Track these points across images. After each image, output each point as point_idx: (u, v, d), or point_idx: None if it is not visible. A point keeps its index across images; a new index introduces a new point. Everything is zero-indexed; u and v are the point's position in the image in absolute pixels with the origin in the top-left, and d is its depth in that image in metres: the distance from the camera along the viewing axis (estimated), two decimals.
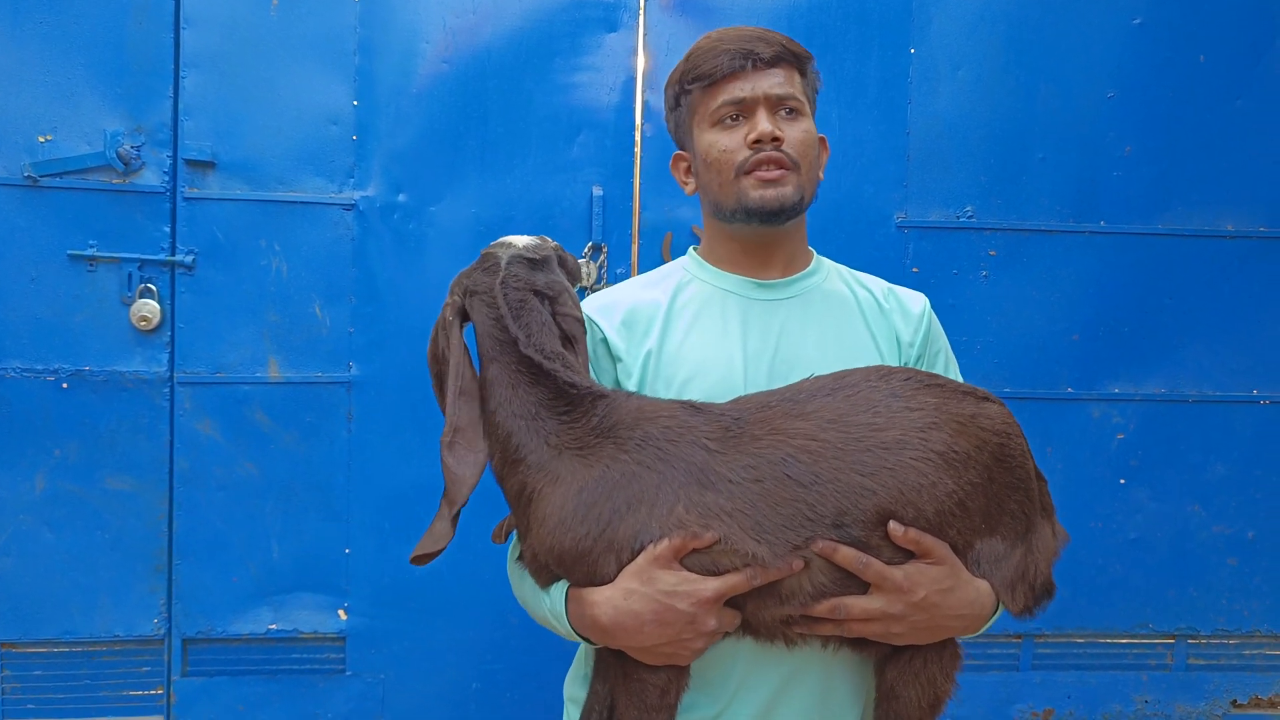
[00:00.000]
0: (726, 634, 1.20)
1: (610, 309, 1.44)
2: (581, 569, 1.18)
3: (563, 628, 1.24)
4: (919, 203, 2.91)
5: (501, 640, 2.82)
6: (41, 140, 2.60)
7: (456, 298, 1.29)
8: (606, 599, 1.16)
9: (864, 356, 1.41)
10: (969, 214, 2.91)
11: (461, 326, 1.30)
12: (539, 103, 2.76)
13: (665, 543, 1.14)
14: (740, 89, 1.37)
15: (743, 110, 1.39)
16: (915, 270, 2.90)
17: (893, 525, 1.17)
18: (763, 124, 1.36)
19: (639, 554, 1.15)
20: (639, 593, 1.13)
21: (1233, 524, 2.99)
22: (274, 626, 2.77)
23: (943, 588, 1.20)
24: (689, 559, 1.14)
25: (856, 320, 1.46)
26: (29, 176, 2.59)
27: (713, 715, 1.30)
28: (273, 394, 2.73)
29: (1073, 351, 2.94)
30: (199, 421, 2.71)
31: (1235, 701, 3.03)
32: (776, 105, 1.39)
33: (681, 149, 1.51)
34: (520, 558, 1.30)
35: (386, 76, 2.72)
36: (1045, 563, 1.30)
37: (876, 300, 1.49)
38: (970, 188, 2.92)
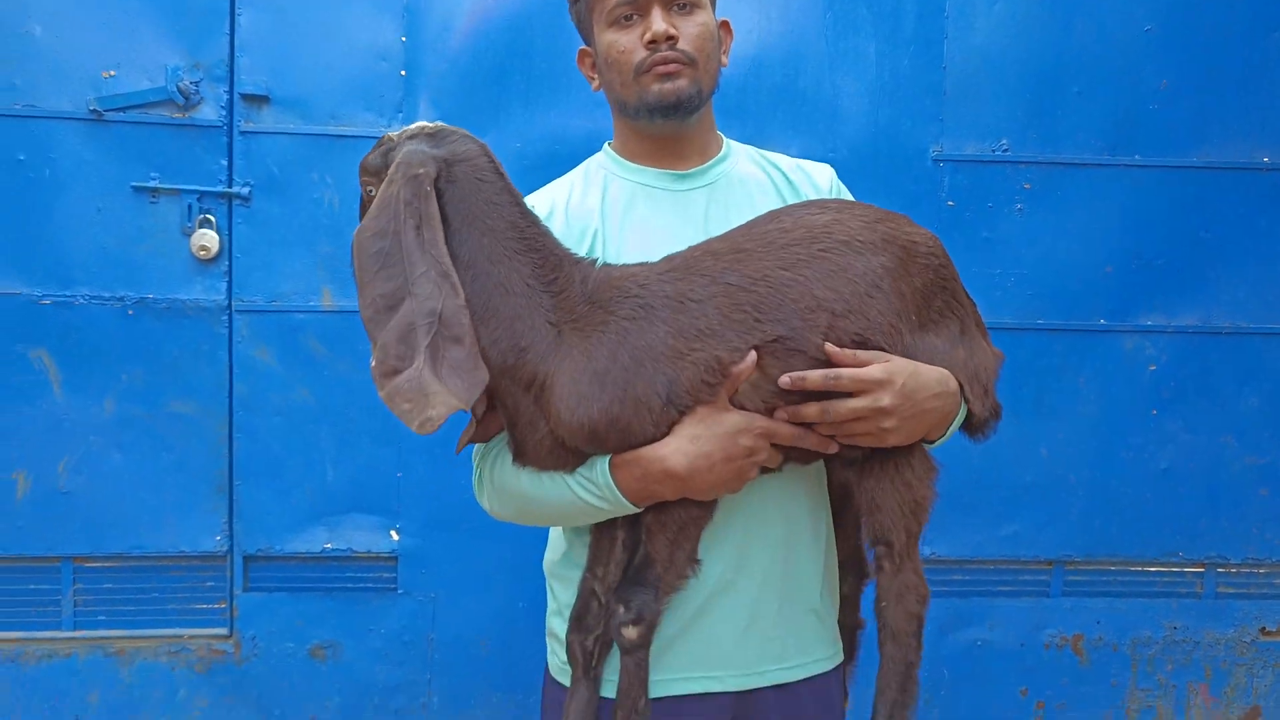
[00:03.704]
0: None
1: (549, 213, 1.48)
2: (615, 434, 1.23)
3: (606, 498, 1.28)
4: (954, 136, 2.95)
5: None
6: (105, 76, 2.71)
7: (428, 169, 1.19)
8: (676, 449, 1.23)
9: None
10: (1004, 147, 2.95)
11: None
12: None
13: (719, 390, 1.23)
14: None
15: (638, 9, 1.41)
16: (950, 204, 2.95)
17: (829, 348, 1.27)
18: (656, 24, 1.39)
19: (670, 402, 1.23)
20: (705, 436, 1.22)
21: (1265, 454, 3.03)
22: (329, 545, 2.90)
23: (910, 371, 1.29)
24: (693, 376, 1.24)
25: (772, 197, 1.53)
26: (94, 111, 2.70)
27: None
28: (326, 322, 2.84)
29: (1106, 284, 2.98)
30: (256, 349, 2.83)
31: (1264, 629, 3.08)
32: (670, 2, 1.42)
33: (586, 43, 1.56)
34: (517, 459, 1.32)
35: (434, 13, 2.80)
36: (990, 372, 1.42)
37: (786, 177, 1.56)
38: (1006, 121, 2.95)
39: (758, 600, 1.41)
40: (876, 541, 1.39)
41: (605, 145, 1.59)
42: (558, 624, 1.47)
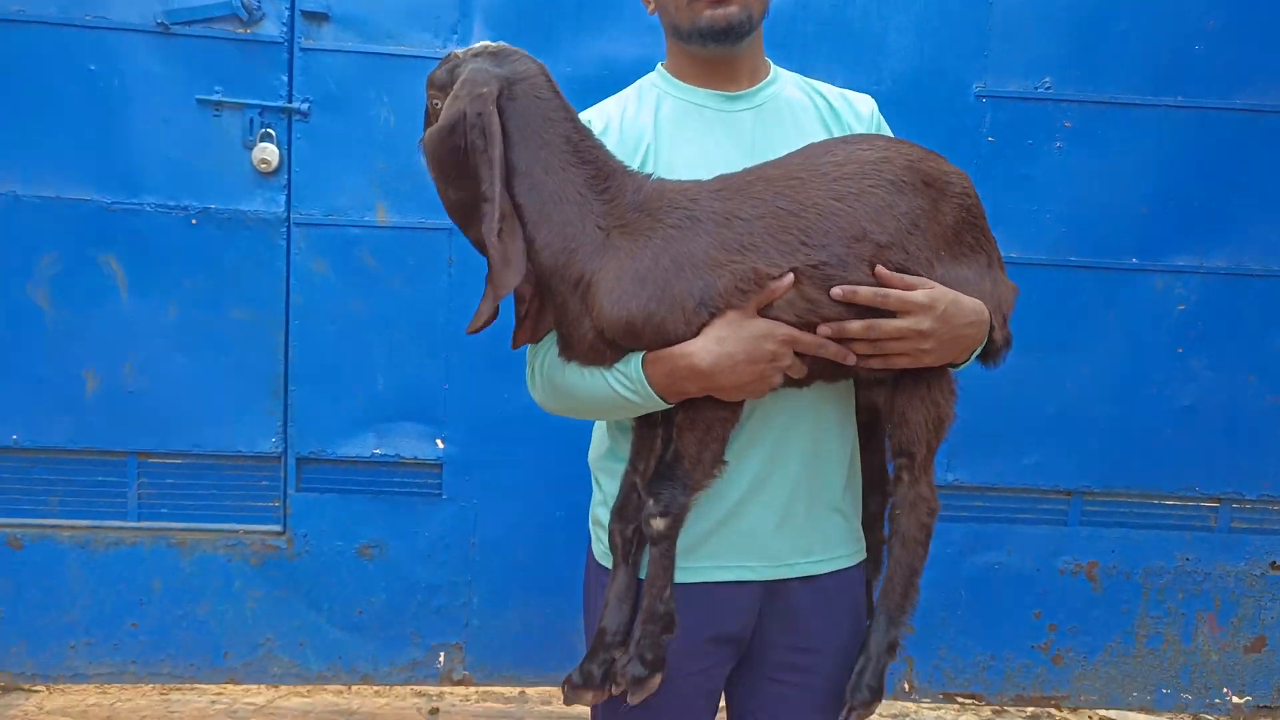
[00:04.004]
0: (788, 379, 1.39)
1: (604, 128, 1.54)
2: (650, 330, 1.30)
3: (639, 393, 1.36)
4: (997, 74, 2.99)
5: (584, 473, 3.06)
6: None
7: (490, 88, 1.29)
8: (702, 347, 1.30)
9: None
10: (1047, 85, 2.99)
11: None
12: None
13: (752, 300, 1.30)
14: None
15: None
16: (991, 140, 3.00)
17: (880, 269, 1.34)
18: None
19: (703, 304, 1.31)
20: (731, 337, 1.29)
21: None
22: (378, 451, 3.04)
23: (951, 299, 1.36)
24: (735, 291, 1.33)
25: (816, 124, 1.59)
26: (161, 24, 2.79)
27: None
28: (380, 237, 2.95)
29: (1140, 223, 3.03)
30: (313, 260, 2.95)
31: (1275, 563, 3.18)
32: None
33: None
34: (563, 353, 1.42)
35: None
36: (1009, 304, 1.50)
37: (830, 105, 1.61)
38: (1049, 59, 2.98)
39: (789, 499, 1.52)
40: (900, 453, 1.48)
41: (658, 65, 1.64)
42: (602, 513, 1.57)
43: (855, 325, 1.34)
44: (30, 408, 2.91)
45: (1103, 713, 3.31)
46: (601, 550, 1.59)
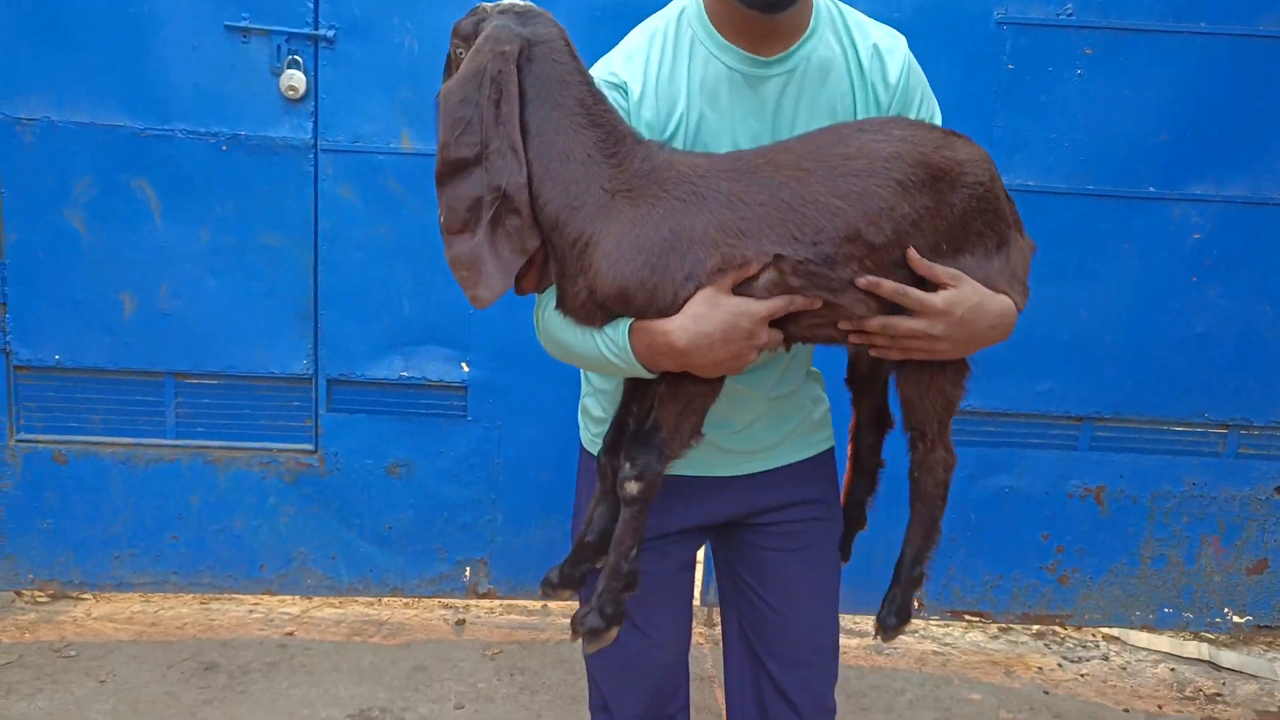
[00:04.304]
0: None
1: (640, 95, 1.49)
2: (641, 297, 1.32)
3: (623, 360, 1.37)
4: (1019, 0, 2.98)
5: None
6: None
7: (512, 46, 1.31)
8: (680, 325, 1.31)
9: (844, 117, 1.53)
10: (1068, 12, 2.98)
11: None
12: None
13: (728, 276, 1.32)
14: None
15: None
16: (1011, 67, 3.00)
17: (912, 254, 1.36)
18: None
19: (690, 277, 1.33)
20: (708, 316, 1.30)
21: None
22: (405, 373, 3.13)
23: (974, 303, 1.38)
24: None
25: (843, 88, 1.54)
26: None
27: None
28: (405, 164, 3.00)
29: (1159, 151, 3.04)
30: (340, 186, 3.01)
31: (1279, 488, 3.26)
32: None
33: None
34: (559, 307, 1.43)
35: None
36: (1025, 267, 1.51)
37: (860, 62, 1.53)
38: None
39: (764, 413, 1.64)
40: (910, 429, 1.54)
41: (700, 5, 1.53)
42: (590, 403, 1.70)
43: (873, 323, 1.38)
44: (71, 329, 3.01)
45: (1106, 631, 3.41)
46: (589, 438, 1.70)
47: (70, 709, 2.57)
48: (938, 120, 1.63)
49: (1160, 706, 2.99)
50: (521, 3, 1.37)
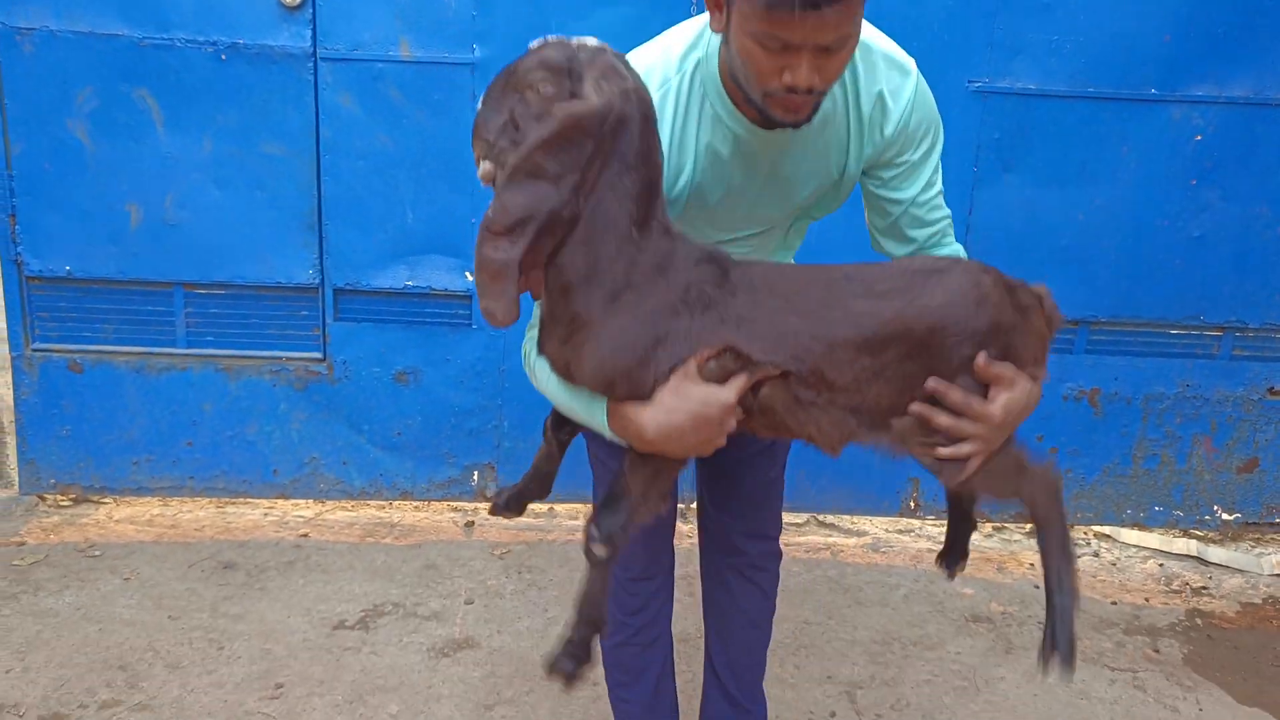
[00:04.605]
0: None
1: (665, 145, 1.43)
2: (623, 389, 1.33)
3: (600, 430, 1.39)
4: None
5: None
6: None
7: (638, 96, 1.27)
8: (651, 418, 1.33)
9: (836, 161, 1.53)
10: None
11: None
12: None
13: (691, 363, 1.32)
14: (791, 33, 1.24)
15: (788, 48, 1.27)
16: None
17: (980, 362, 1.34)
18: (801, 77, 1.28)
19: (669, 371, 1.32)
20: (679, 409, 1.31)
21: None
22: (410, 283, 3.18)
23: (1021, 407, 1.38)
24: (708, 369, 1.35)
25: (840, 131, 1.50)
26: None
27: None
28: (404, 72, 3.00)
29: (1161, 52, 3.02)
30: (340, 95, 3.01)
31: (1272, 389, 3.30)
32: (823, 49, 1.27)
33: None
34: (541, 350, 1.41)
35: None
36: (1042, 349, 1.47)
37: (861, 111, 1.49)
38: None
39: None
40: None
41: (715, 63, 1.44)
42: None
43: (915, 406, 1.37)
44: (79, 240, 3.05)
45: (1098, 529, 3.50)
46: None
47: (97, 604, 2.68)
48: (938, 149, 1.57)
49: (1147, 599, 3.09)
50: (599, 43, 1.29)
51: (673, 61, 1.44)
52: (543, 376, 1.44)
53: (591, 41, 1.27)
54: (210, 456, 3.27)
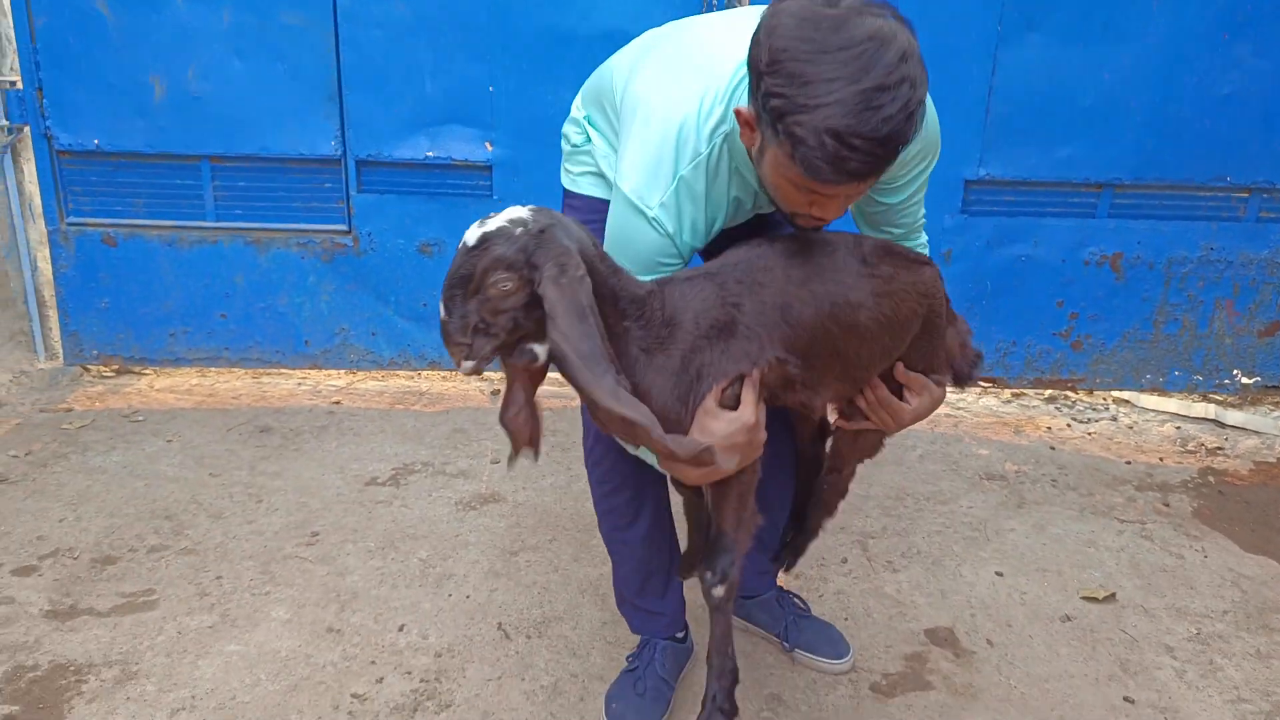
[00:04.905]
0: None
1: (685, 233, 1.51)
2: (672, 426, 1.44)
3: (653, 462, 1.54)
4: None
5: None
6: None
7: (582, 268, 1.31)
8: (688, 459, 1.40)
9: None
10: None
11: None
12: None
13: (708, 399, 1.43)
14: (825, 189, 1.31)
15: (819, 192, 1.34)
16: None
17: (899, 368, 1.63)
18: (832, 214, 1.40)
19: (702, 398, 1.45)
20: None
21: None
22: (430, 154, 3.21)
23: (925, 412, 1.70)
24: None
25: None
26: None
27: None
28: None
29: None
30: None
31: None
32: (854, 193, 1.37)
33: (750, 104, 1.34)
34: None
35: None
36: (962, 345, 1.79)
37: None
38: None
39: None
40: (834, 467, 1.88)
41: (738, 135, 1.44)
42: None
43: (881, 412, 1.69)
44: (106, 113, 3.10)
45: (1116, 394, 3.53)
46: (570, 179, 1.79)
47: (142, 462, 2.82)
48: (932, 165, 1.61)
49: (1161, 459, 3.14)
50: (533, 210, 1.33)
51: (703, 136, 1.46)
52: None
53: (530, 220, 1.30)
54: (244, 328, 3.37)
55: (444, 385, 3.46)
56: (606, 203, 1.73)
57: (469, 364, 1.32)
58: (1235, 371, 3.43)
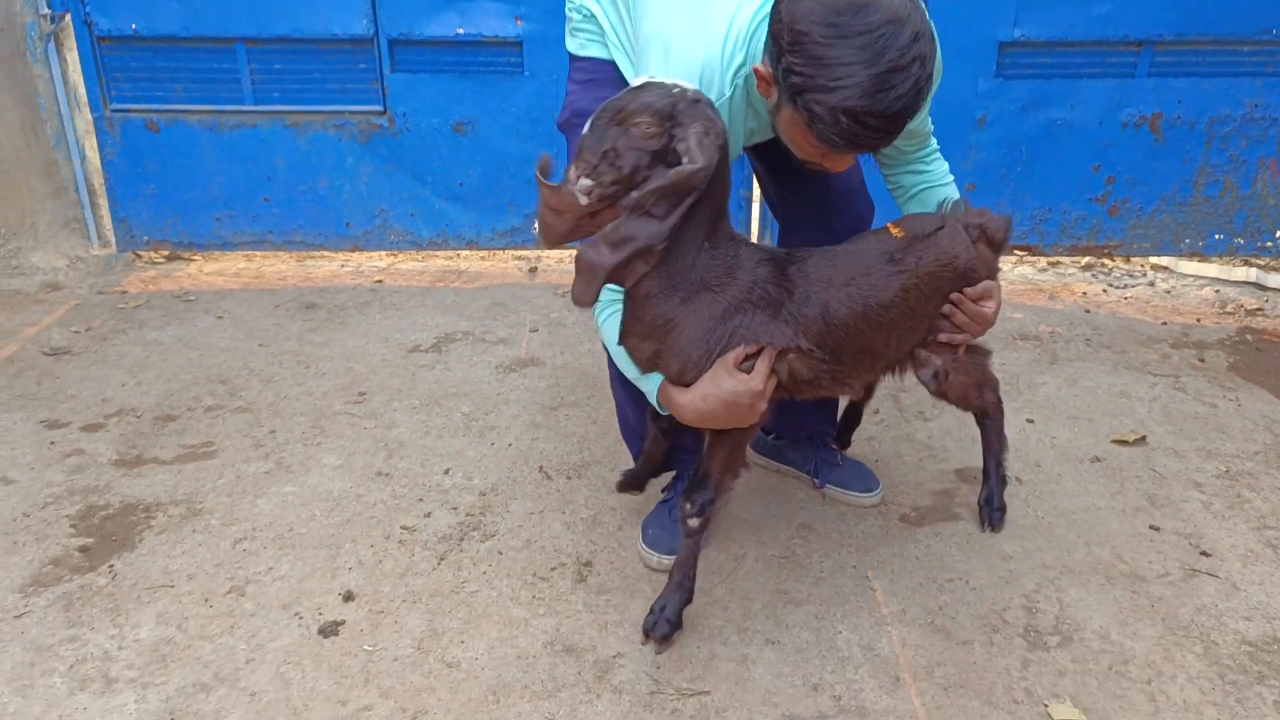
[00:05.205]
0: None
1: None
2: (691, 376, 1.55)
3: (652, 401, 1.65)
4: None
5: None
6: None
7: (722, 141, 1.43)
8: (689, 402, 1.55)
9: None
10: None
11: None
12: None
13: (730, 356, 1.52)
14: (841, 153, 1.46)
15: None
16: None
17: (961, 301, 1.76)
18: (839, 168, 1.55)
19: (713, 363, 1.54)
20: (712, 395, 1.53)
21: None
22: (461, 30, 3.22)
23: (999, 308, 1.80)
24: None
25: None
26: None
27: None
28: None
29: None
30: None
31: None
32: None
33: (765, 62, 1.46)
34: (621, 340, 1.60)
35: None
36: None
37: None
38: None
39: None
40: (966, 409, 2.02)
41: (757, 89, 1.53)
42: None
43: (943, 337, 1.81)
44: None
45: (1155, 260, 3.51)
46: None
47: (195, 335, 2.93)
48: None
49: (1199, 320, 3.13)
50: (696, 88, 1.44)
51: (726, 80, 1.55)
52: (610, 344, 1.67)
53: (689, 89, 1.41)
54: (286, 211, 3.45)
55: (482, 264, 3.53)
56: (611, 64, 1.79)
57: (586, 182, 1.41)
58: (1278, 233, 3.38)
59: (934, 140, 1.84)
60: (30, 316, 3.03)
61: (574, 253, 1.46)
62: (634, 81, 1.43)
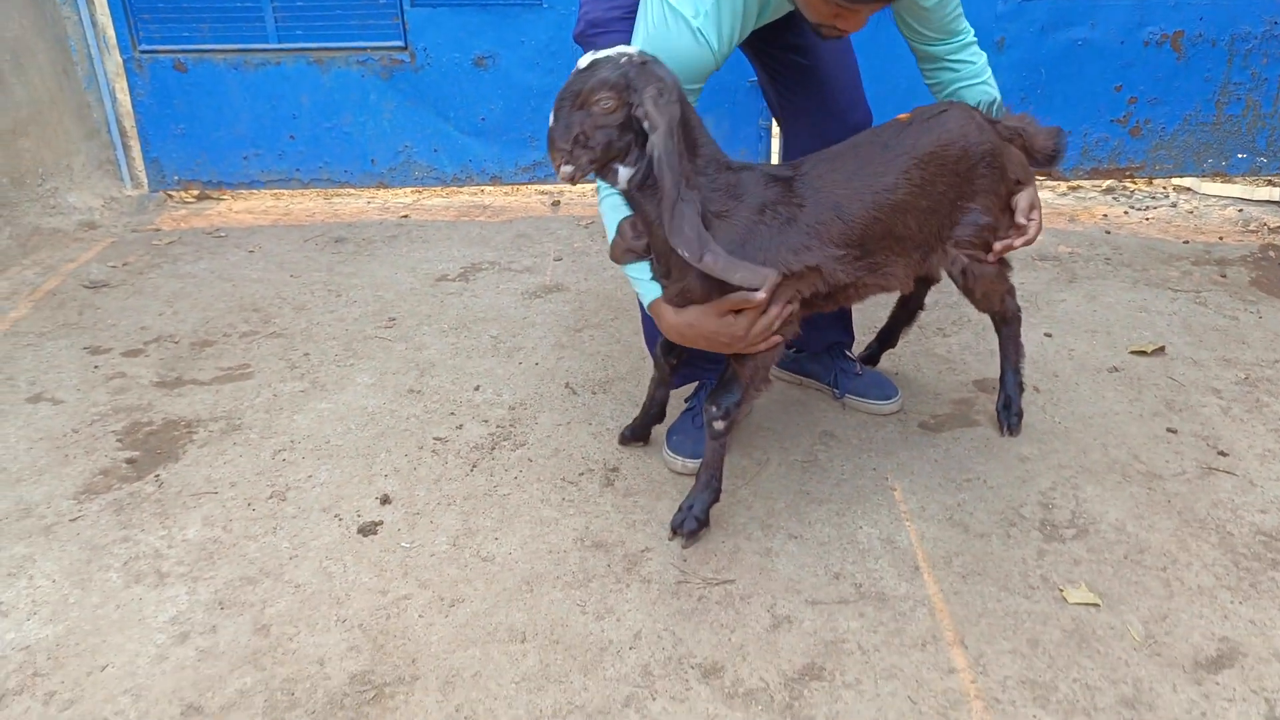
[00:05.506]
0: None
1: (722, 54, 1.65)
2: (689, 302, 1.60)
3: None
4: None
5: None
6: None
7: (677, 94, 1.49)
8: (674, 325, 1.62)
9: None
10: None
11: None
12: None
13: (724, 301, 1.57)
14: (850, 6, 1.49)
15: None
16: None
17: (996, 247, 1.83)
18: (852, 28, 1.54)
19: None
20: (696, 324, 1.60)
21: None
22: None
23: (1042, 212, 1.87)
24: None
25: None
26: None
27: None
28: None
29: None
30: None
31: None
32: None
33: None
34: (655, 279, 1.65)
35: None
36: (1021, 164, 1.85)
37: None
38: None
39: None
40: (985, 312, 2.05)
41: None
42: None
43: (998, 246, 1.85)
44: None
45: (1176, 181, 3.50)
46: None
47: (228, 268, 3.00)
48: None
49: (1221, 238, 3.13)
50: (637, 49, 1.51)
51: None
52: (608, 226, 1.69)
53: (634, 54, 1.48)
54: (312, 149, 3.50)
55: (506, 199, 3.57)
56: None
57: (568, 169, 1.49)
58: None
59: (968, 35, 1.86)
60: (69, 253, 3.11)
61: (594, 185, 1.57)
62: (581, 61, 1.49)
